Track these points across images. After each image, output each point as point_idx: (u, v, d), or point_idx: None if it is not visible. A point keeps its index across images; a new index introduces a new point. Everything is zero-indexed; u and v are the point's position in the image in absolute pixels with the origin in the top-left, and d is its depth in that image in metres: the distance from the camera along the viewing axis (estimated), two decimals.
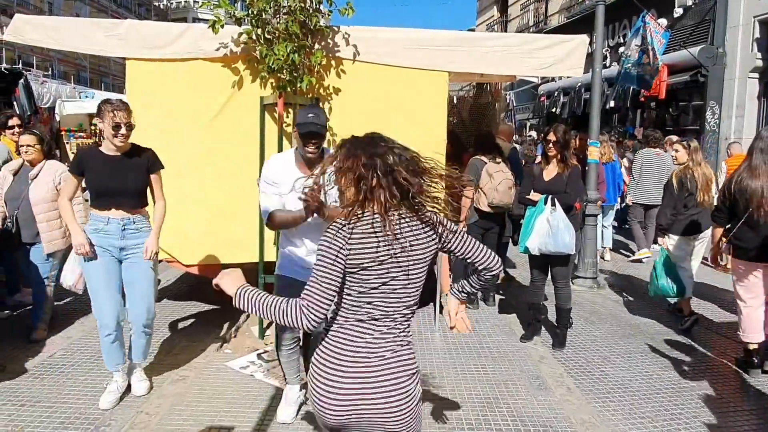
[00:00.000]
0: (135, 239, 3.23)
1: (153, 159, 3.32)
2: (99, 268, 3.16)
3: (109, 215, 3.16)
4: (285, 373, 3.23)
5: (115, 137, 3.09)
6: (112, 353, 3.27)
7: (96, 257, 3.16)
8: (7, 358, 3.85)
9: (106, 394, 3.27)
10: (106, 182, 3.14)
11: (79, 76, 26.23)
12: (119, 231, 3.18)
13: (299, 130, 2.82)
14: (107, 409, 3.20)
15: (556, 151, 4.29)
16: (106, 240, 3.17)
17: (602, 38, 6.55)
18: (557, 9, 18.93)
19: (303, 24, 4.11)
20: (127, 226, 3.20)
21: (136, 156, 3.24)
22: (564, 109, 15.62)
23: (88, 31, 4.28)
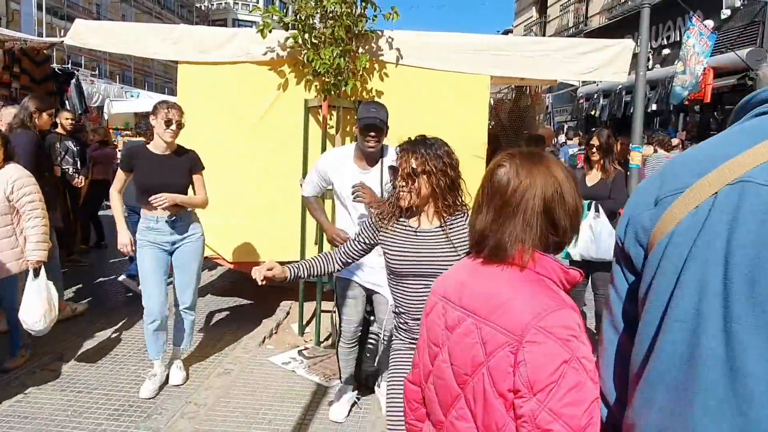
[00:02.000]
0: (184, 231, 3.44)
1: (195, 159, 3.50)
2: (150, 257, 3.37)
3: (156, 215, 3.33)
4: (341, 371, 3.27)
5: (165, 131, 3.28)
6: (155, 340, 3.44)
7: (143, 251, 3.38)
8: (65, 347, 4.06)
9: (146, 383, 3.44)
10: (151, 179, 3.30)
11: (124, 75, 27.09)
12: (168, 227, 3.37)
13: (360, 123, 2.93)
14: (148, 397, 3.35)
15: (599, 156, 4.26)
16: (159, 237, 3.37)
17: (647, 41, 6.44)
18: (598, 10, 18.60)
19: (348, 29, 4.19)
20: (176, 223, 3.39)
21: (180, 156, 3.43)
22: (603, 112, 15.35)
23: (145, 36, 4.46)
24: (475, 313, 1.13)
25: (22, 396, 3.32)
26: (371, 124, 2.88)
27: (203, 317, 4.87)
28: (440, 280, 1.32)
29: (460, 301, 1.18)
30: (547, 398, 1.01)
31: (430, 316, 1.28)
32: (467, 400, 1.13)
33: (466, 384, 1.13)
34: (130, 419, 3.12)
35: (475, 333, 1.11)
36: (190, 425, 3.09)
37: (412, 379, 1.38)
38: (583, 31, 18.64)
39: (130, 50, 4.54)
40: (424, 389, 1.29)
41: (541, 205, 1.14)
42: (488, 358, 1.08)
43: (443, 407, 1.20)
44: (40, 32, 22.39)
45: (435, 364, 1.22)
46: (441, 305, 1.23)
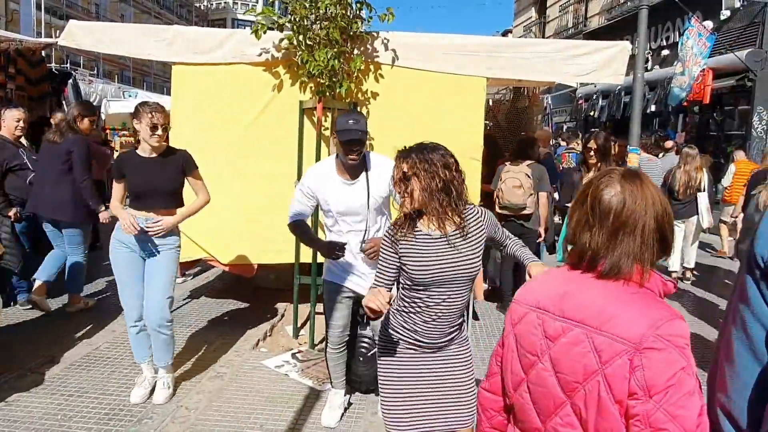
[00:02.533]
0: (157, 240, 3.27)
1: (187, 159, 3.37)
2: (124, 261, 3.28)
3: (135, 215, 3.23)
4: (331, 376, 3.23)
5: (151, 137, 3.17)
6: (138, 344, 3.37)
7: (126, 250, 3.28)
8: (55, 351, 4.03)
9: (135, 388, 3.37)
10: (142, 183, 3.23)
11: (122, 75, 27.06)
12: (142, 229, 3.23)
13: (340, 137, 2.83)
14: (138, 403, 3.28)
15: (596, 159, 4.24)
16: (129, 238, 3.25)
17: (645, 42, 6.42)
18: (598, 10, 18.57)
19: (343, 30, 4.17)
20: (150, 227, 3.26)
21: (170, 157, 3.32)
22: (603, 113, 15.33)
23: (138, 37, 4.44)
24: (585, 323, 1.19)
25: (11, 399, 3.29)
26: (353, 139, 2.78)
27: (197, 319, 4.84)
28: (527, 291, 1.36)
29: (562, 312, 1.23)
30: (664, 400, 1.08)
31: (520, 326, 1.32)
32: (575, 406, 1.18)
33: (576, 391, 1.18)
34: (120, 423, 3.09)
35: (586, 342, 1.17)
36: (181, 429, 3.06)
37: (490, 388, 1.44)
38: (583, 31, 18.62)
39: (124, 51, 4.51)
40: (512, 397, 1.33)
41: (653, 224, 1.22)
42: (604, 366, 1.14)
43: (543, 414, 1.25)
44: (39, 32, 22.39)
45: (532, 373, 1.27)
46: (535, 315, 1.28)
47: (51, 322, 4.60)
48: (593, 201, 1.26)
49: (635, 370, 1.11)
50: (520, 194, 4.83)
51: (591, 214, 1.25)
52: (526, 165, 4.97)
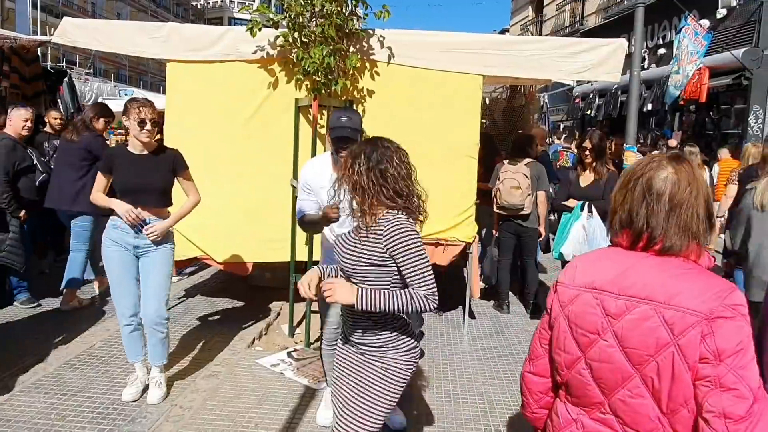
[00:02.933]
0: (148, 239, 3.23)
1: (177, 158, 3.34)
2: (116, 260, 3.24)
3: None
4: (326, 373, 3.20)
5: (140, 132, 3.13)
6: (131, 344, 3.34)
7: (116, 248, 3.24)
8: (49, 350, 4.01)
9: (127, 387, 3.35)
10: (130, 181, 3.18)
11: (119, 74, 26.98)
12: (132, 229, 3.21)
13: (331, 134, 2.82)
14: (129, 401, 3.27)
15: (591, 158, 4.23)
16: (122, 237, 3.22)
17: (641, 40, 6.42)
18: (594, 9, 18.59)
19: (339, 27, 4.15)
20: (141, 227, 3.22)
21: (161, 156, 3.28)
22: (599, 112, 15.34)
23: (132, 34, 4.41)
24: (651, 299, 1.26)
25: (4, 398, 3.27)
26: (343, 136, 2.76)
27: (192, 318, 4.82)
28: (576, 274, 1.41)
29: (623, 291, 1.30)
30: (734, 363, 1.19)
31: (573, 307, 1.38)
32: (646, 377, 1.26)
33: (646, 363, 1.26)
34: (113, 423, 3.07)
35: (656, 317, 1.25)
36: (175, 429, 3.05)
37: (536, 370, 1.52)
38: (579, 30, 18.63)
39: (119, 48, 4.48)
40: (565, 375, 1.41)
41: (704, 204, 1.33)
42: (677, 337, 1.23)
43: (607, 388, 1.33)
44: (34, 30, 22.30)
45: (592, 350, 1.34)
46: (591, 296, 1.35)
47: (45, 321, 4.58)
48: (646, 185, 1.35)
49: (706, 338, 1.20)
50: (517, 195, 4.83)
51: (644, 198, 1.34)
52: (525, 164, 4.96)
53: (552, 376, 1.49)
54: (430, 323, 4.78)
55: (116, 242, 3.23)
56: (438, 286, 1.95)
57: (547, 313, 1.48)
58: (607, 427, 1.35)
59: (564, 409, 1.44)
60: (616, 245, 1.41)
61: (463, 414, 3.34)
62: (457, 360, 4.15)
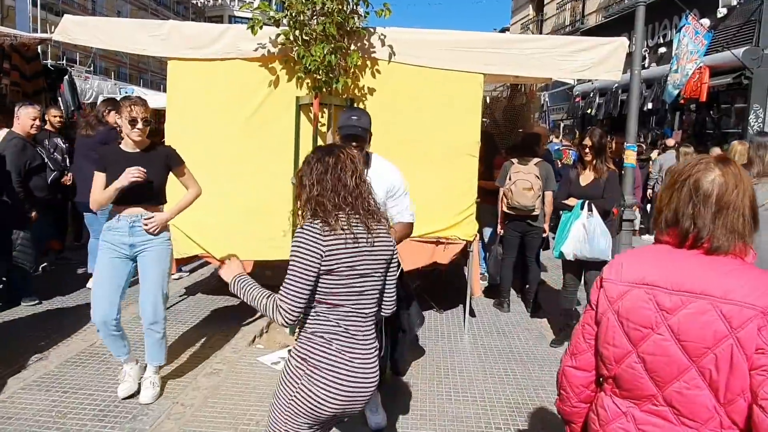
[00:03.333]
0: (143, 236, 3.20)
1: (171, 154, 3.31)
2: (106, 263, 3.18)
3: (119, 213, 3.18)
4: None
5: (132, 131, 3.10)
6: (111, 345, 3.29)
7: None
8: (50, 347, 4.02)
9: (121, 384, 3.33)
10: None
11: (119, 72, 26.95)
12: (127, 228, 3.17)
13: (340, 132, 2.83)
14: (125, 396, 3.27)
15: (591, 156, 4.23)
16: (116, 237, 3.17)
17: (642, 39, 6.42)
18: (595, 8, 18.58)
19: (340, 25, 4.15)
20: (135, 224, 3.18)
21: (154, 153, 3.24)
22: (600, 111, 15.34)
23: (133, 32, 4.41)
24: (708, 294, 1.31)
25: (5, 396, 3.27)
26: (352, 134, 2.76)
27: (193, 316, 4.83)
28: (624, 270, 1.44)
29: (677, 286, 1.35)
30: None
31: (624, 303, 1.41)
32: (703, 369, 1.31)
33: (704, 356, 1.31)
34: (115, 420, 3.08)
35: (713, 311, 1.30)
36: (176, 426, 3.05)
37: (579, 365, 1.55)
38: (580, 29, 18.62)
39: (119, 46, 4.49)
40: (613, 369, 1.44)
41: (749, 205, 1.37)
42: (735, 330, 1.28)
43: (662, 381, 1.37)
44: (34, 28, 22.25)
45: (645, 344, 1.38)
46: (642, 291, 1.39)
47: (46, 319, 4.58)
48: (693, 186, 1.39)
49: (761, 330, 1.26)
50: (530, 196, 4.84)
51: (691, 198, 1.39)
52: (534, 164, 4.97)
53: (596, 370, 1.53)
54: (430, 322, 4.78)
55: (113, 244, 3.18)
56: (439, 285, 1.94)
57: (591, 309, 1.51)
58: (661, 418, 1.38)
59: (611, 402, 1.47)
60: (660, 242, 1.46)
61: (464, 412, 3.35)
62: (457, 358, 4.16)
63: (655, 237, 1.48)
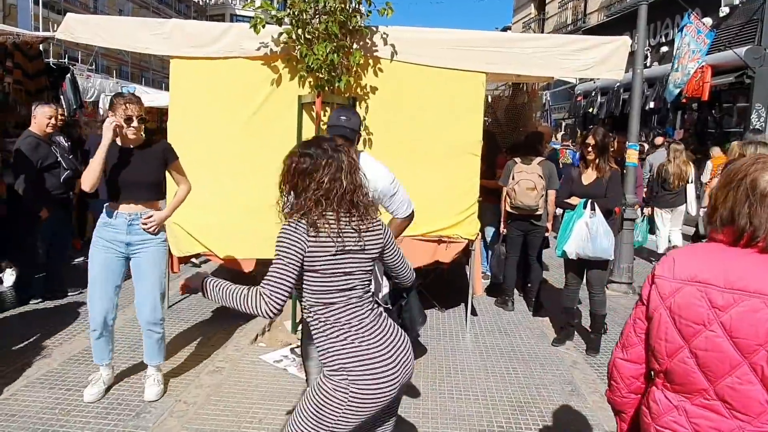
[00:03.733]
0: (141, 235, 3.16)
1: (168, 150, 3.28)
2: (100, 262, 3.14)
3: (116, 210, 3.13)
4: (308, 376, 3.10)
5: (127, 129, 3.07)
6: (98, 349, 3.26)
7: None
8: (53, 345, 4.03)
9: (88, 387, 3.28)
10: (120, 174, 3.10)
11: (121, 70, 26.95)
12: (125, 226, 3.13)
13: (329, 132, 2.82)
14: (91, 402, 3.19)
15: (595, 155, 4.23)
16: (112, 234, 3.13)
17: (644, 38, 6.41)
18: (597, 7, 18.56)
19: (342, 24, 4.15)
20: (134, 222, 3.14)
21: (150, 148, 3.21)
22: (601, 110, 15.32)
23: (135, 30, 4.41)
24: (761, 293, 1.34)
25: (9, 394, 3.29)
26: (341, 135, 2.73)
27: (195, 314, 4.84)
28: (676, 268, 1.47)
29: (730, 285, 1.38)
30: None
31: (677, 300, 1.45)
32: (755, 365, 1.35)
33: (755, 353, 1.36)
34: (118, 418, 3.09)
35: (766, 309, 1.34)
36: (179, 424, 3.06)
37: (630, 357, 1.59)
38: (582, 28, 18.59)
39: (122, 45, 4.49)
40: (665, 363, 1.48)
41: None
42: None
43: (714, 376, 1.41)
44: (36, 27, 22.25)
45: (697, 340, 1.42)
46: (695, 289, 1.42)
47: (48, 317, 4.59)
48: (750, 185, 1.42)
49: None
50: (533, 196, 4.84)
51: (748, 198, 1.41)
52: (538, 164, 4.97)
53: (647, 363, 1.57)
54: (432, 320, 4.79)
55: (107, 241, 3.14)
56: (441, 283, 1.94)
57: (642, 304, 1.56)
58: (713, 412, 1.42)
59: (662, 396, 1.52)
60: (713, 240, 1.49)
61: (466, 410, 3.35)
62: (459, 357, 4.16)
63: (709, 235, 1.51)
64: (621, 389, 1.64)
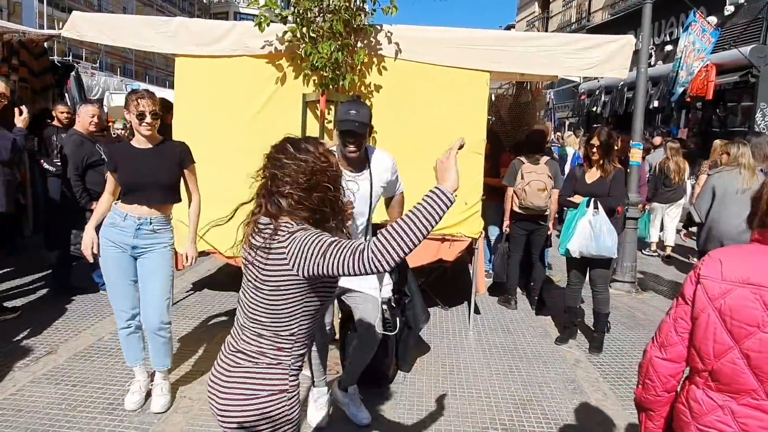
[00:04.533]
0: (148, 240, 3.06)
1: (185, 152, 3.17)
2: (113, 260, 3.06)
3: (127, 212, 3.02)
4: (314, 374, 3.16)
5: (140, 125, 2.97)
6: (130, 346, 3.16)
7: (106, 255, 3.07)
8: (59, 342, 4.06)
9: (129, 395, 3.20)
10: (135, 176, 2.99)
11: (125, 68, 26.99)
12: (133, 230, 3.02)
13: (338, 127, 2.76)
14: (134, 410, 3.13)
15: (599, 156, 4.24)
16: (118, 236, 3.02)
17: (648, 37, 6.40)
18: (601, 5, 18.51)
19: (347, 23, 4.16)
20: (143, 226, 3.03)
21: (167, 149, 3.11)
22: (605, 109, 15.30)
23: (141, 29, 4.44)
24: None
25: (16, 389, 3.31)
26: (349, 130, 2.70)
27: (200, 311, 4.86)
28: (725, 269, 1.49)
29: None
30: None
31: (727, 301, 1.46)
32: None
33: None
34: (124, 413, 3.11)
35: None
36: (184, 420, 3.09)
37: (669, 356, 1.61)
38: (586, 26, 18.55)
39: (127, 43, 4.51)
40: (712, 363, 1.50)
41: None
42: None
43: (765, 376, 1.44)
44: (41, 24, 22.33)
45: (749, 342, 1.44)
46: (748, 291, 1.44)
47: (53, 314, 4.62)
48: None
49: None
50: (543, 197, 4.85)
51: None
52: (545, 164, 4.97)
53: (687, 362, 1.59)
54: (435, 318, 4.81)
55: (113, 242, 3.04)
56: (444, 282, 1.92)
57: (686, 304, 1.56)
58: (762, 411, 1.45)
59: (704, 395, 1.53)
60: (756, 242, 1.53)
61: (469, 408, 3.37)
62: (462, 355, 4.17)
63: (752, 237, 1.55)
64: (656, 387, 1.65)
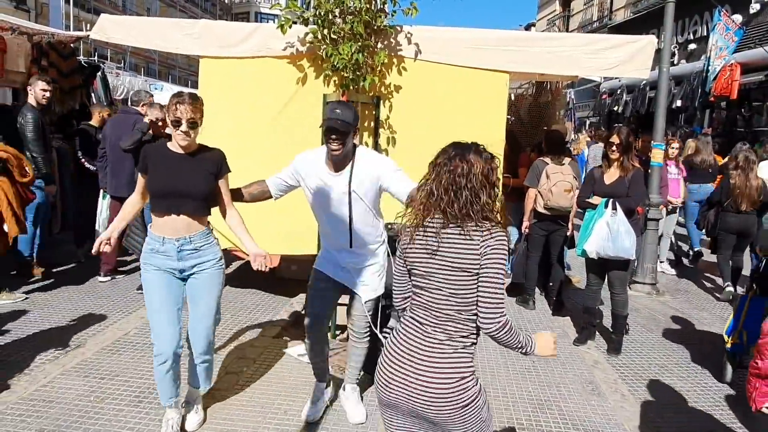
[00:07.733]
0: (194, 260, 2.84)
1: (222, 161, 2.90)
2: (156, 284, 2.79)
3: (163, 235, 2.77)
4: (313, 368, 3.25)
5: (176, 134, 2.71)
6: (166, 385, 2.83)
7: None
8: (87, 336, 4.18)
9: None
10: (166, 182, 2.74)
11: (148, 68, 27.40)
12: (175, 253, 2.78)
13: (323, 125, 2.83)
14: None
15: (618, 154, 4.22)
16: (163, 262, 2.80)
17: (671, 36, 6.34)
18: (623, 4, 18.28)
19: (367, 24, 4.21)
20: (184, 247, 2.79)
21: (204, 157, 2.84)
22: (627, 108, 15.12)
23: (167, 31, 4.54)
24: None
25: (47, 381, 3.43)
26: (331, 127, 2.73)
27: (222, 308, 4.94)
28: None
29: None
30: None
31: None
32: None
33: None
34: (150, 405, 3.21)
35: None
36: (206, 413, 3.16)
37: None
38: (608, 25, 18.35)
39: (153, 45, 4.62)
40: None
41: None
42: None
43: None
44: (67, 25, 22.78)
45: None
46: None
47: (81, 308, 4.75)
48: None
49: None
50: (569, 198, 4.84)
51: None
52: (569, 165, 4.98)
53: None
54: None
55: (155, 266, 2.82)
56: None
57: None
58: None
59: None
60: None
61: None
62: (480, 355, 4.20)
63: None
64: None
